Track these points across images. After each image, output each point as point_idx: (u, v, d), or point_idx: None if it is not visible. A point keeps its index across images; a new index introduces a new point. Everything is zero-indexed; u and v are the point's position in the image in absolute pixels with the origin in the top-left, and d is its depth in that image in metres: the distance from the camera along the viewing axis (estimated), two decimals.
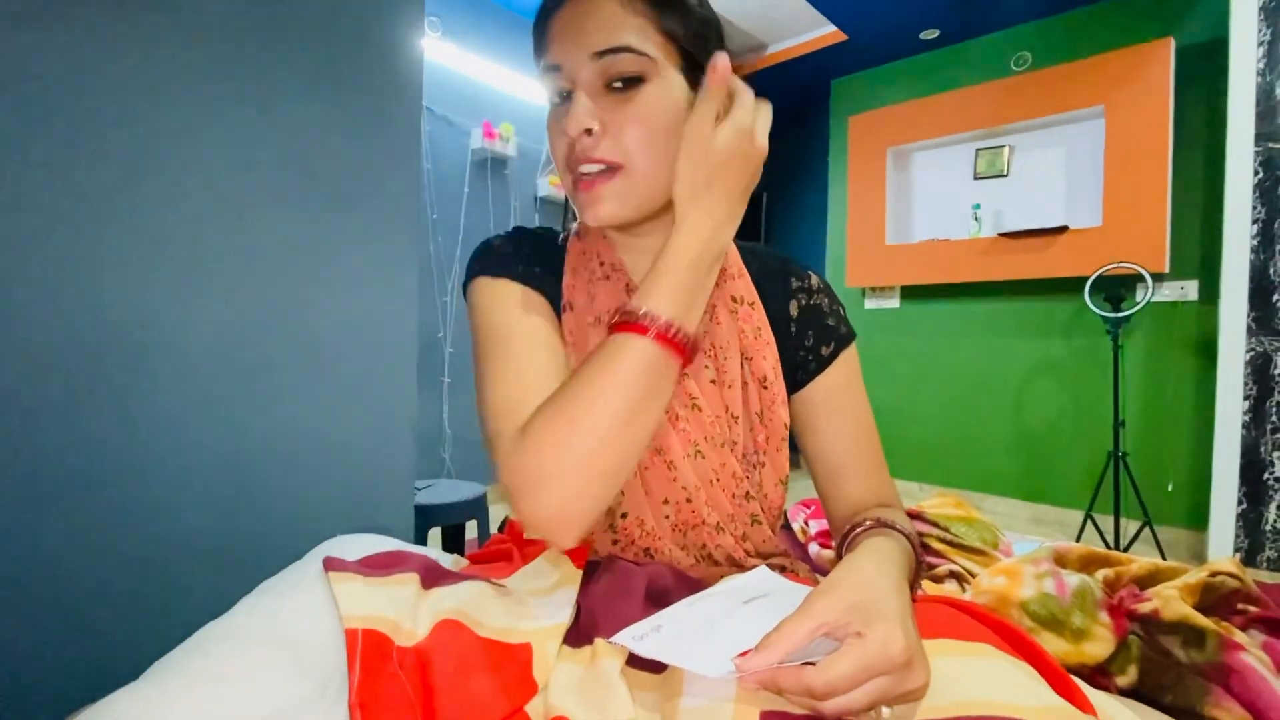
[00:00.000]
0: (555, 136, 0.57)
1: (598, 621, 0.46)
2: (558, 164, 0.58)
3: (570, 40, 0.54)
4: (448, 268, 3.01)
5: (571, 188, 0.57)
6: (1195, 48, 2.73)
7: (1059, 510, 3.10)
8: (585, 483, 0.44)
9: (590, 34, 0.54)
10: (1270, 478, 2.18)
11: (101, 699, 0.34)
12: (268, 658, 0.37)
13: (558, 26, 0.55)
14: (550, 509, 0.44)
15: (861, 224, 3.66)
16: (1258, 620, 0.61)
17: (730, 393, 0.62)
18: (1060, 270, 2.95)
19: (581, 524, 0.45)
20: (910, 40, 3.46)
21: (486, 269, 0.63)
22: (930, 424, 3.53)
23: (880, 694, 0.36)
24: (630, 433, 0.45)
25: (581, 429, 0.44)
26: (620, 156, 0.54)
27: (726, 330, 0.64)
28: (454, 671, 0.39)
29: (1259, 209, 2.19)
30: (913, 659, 0.36)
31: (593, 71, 0.54)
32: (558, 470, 0.43)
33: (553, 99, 0.58)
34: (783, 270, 0.70)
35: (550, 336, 0.59)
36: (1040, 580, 0.63)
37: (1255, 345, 2.20)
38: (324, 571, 0.44)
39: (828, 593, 0.39)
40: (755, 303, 0.66)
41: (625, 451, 0.45)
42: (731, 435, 0.62)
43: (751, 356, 0.64)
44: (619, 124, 0.54)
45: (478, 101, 3.11)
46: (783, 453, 0.64)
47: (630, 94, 0.54)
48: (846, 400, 0.67)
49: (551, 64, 0.56)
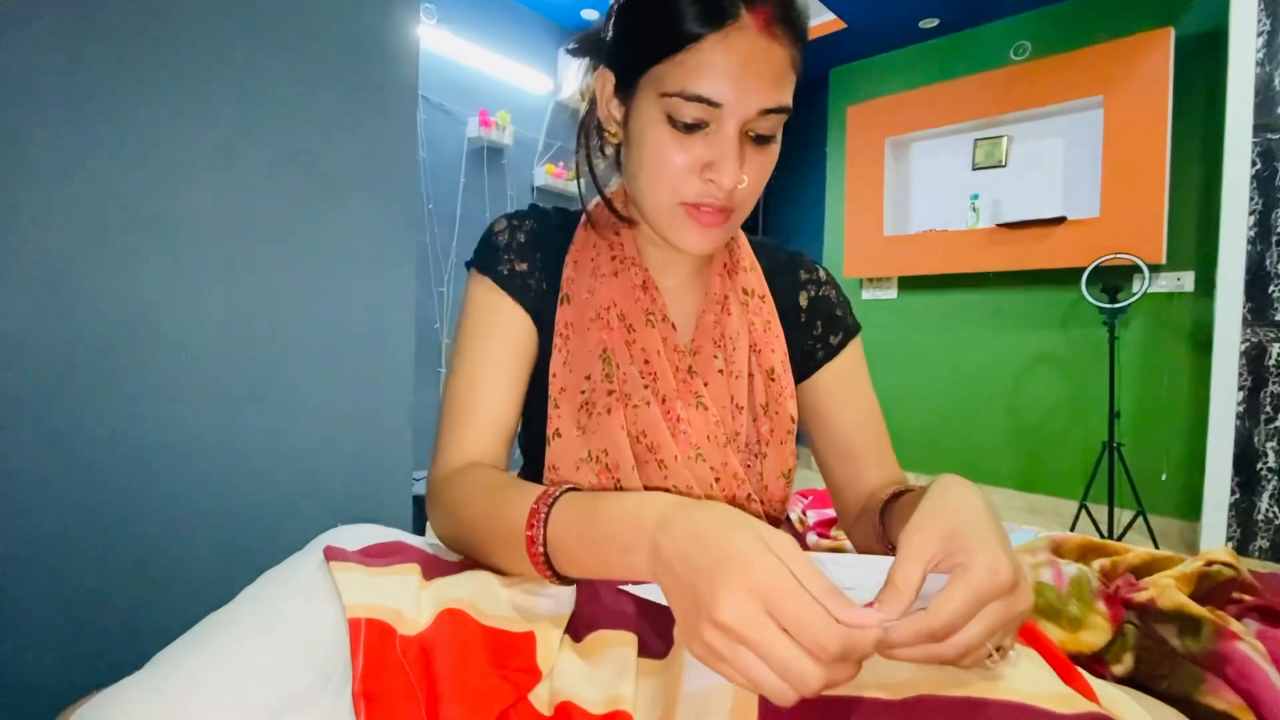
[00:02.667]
0: (674, 159, 0.54)
1: (599, 613, 0.46)
2: (663, 183, 0.55)
3: (742, 85, 0.50)
4: (444, 258, 3.00)
5: (675, 212, 0.56)
6: (1194, 38, 2.72)
7: (1054, 500, 3.12)
8: (454, 546, 0.57)
9: (763, 83, 0.51)
10: (1263, 468, 2.20)
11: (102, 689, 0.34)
12: (270, 648, 0.37)
13: (725, 58, 0.50)
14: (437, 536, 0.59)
15: (859, 214, 3.65)
16: (1252, 609, 0.61)
17: (737, 383, 0.62)
18: (1057, 261, 2.96)
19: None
20: (909, 29, 3.44)
21: (479, 260, 0.65)
22: (926, 414, 3.54)
23: (996, 621, 0.35)
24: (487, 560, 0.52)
25: (458, 539, 0.55)
26: (739, 202, 0.56)
27: (737, 321, 0.64)
28: (457, 660, 0.39)
29: (1256, 200, 2.19)
30: (1019, 580, 0.36)
31: (749, 122, 0.52)
32: (441, 536, 0.58)
33: (678, 119, 0.52)
34: (792, 263, 0.73)
35: (506, 354, 0.62)
36: (1037, 570, 0.64)
37: (1250, 336, 2.21)
38: (325, 561, 0.44)
39: (923, 529, 0.37)
40: (766, 296, 0.67)
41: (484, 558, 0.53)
42: (735, 426, 0.62)
43: (760, 349, 0.64)
44: (751, 174, 0.54)
45: (474, 90, 3.09)
46: (787, 445, 0.64)
47: (764, 148, 0.55)
48: (856, 387, 0.70)
49: (711, 100, 0.51)
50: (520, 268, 0.64)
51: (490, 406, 0.61)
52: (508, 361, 0.62)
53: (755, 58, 0.51)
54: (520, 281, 0.64)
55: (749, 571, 0.33)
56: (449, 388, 0.62)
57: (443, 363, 2.99)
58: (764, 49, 0.51)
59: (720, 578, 0.33)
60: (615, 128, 0.60)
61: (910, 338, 3.60)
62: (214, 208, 0.97)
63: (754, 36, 0.50)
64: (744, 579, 0.32)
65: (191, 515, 0.95)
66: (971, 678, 0.36)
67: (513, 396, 0.62)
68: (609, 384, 0.60)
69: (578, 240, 0.66)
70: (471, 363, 0.62)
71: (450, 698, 0.37)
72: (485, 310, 0.63)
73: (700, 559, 0.35)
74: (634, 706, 0.38)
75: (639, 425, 0.59)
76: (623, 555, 0.40)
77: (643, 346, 0.61)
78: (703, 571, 0.34)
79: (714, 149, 0.53)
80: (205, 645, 0.37)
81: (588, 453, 0.59)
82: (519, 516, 0.46)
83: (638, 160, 0.57)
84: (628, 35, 0.56)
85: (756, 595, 0.32)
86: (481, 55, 3.09)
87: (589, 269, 0.64)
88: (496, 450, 0.60)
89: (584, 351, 0.61)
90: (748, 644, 0.32)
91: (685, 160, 0.53)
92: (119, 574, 0.89)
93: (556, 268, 0.65)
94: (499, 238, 0.65)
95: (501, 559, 0.49)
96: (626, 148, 0.60)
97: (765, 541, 0.34)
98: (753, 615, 0.32)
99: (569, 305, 0.63)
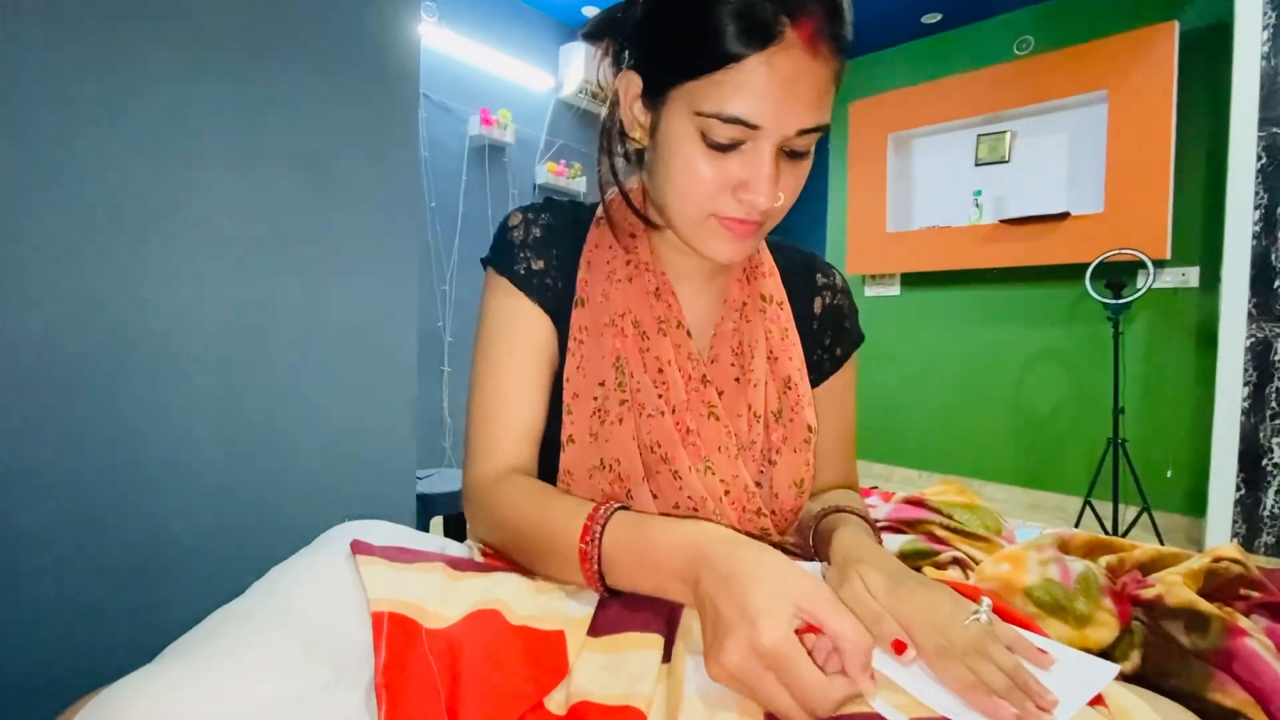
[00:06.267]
0: (707, 177, 0.52)
1: (628, 615, 0.46)
2: (693, 199, 0.54)
3: (783, 108, 0.48)
4: (446, 256, 3.00)
5: (706, 223, 0.55)
6: (1199, 31, 2.70)
7: (1058, 496, 3.12)
8: (499, 550, 0.58)
9: (804, 105, 0.49)
10: (1269, 464, 2.19)
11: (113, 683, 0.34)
12: (283, 641, 0.37)
13: (766, 80, 0.48)
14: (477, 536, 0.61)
15: (862, 211, 3.64)
16: (1261, 605, 0.61)
17: (754, 391, 0.62)
18: (1061, 257, 2.95)
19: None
20: (912, 24, 3.43)
21: (495, 258, 0.64)
22: (930, 411, 3.54)
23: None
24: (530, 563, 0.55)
25: (504, 544, 0.57)
26: (770, 215, 0.55)
27: (755, 328, 0.63)
28: (485, 659, 0.39)
29: (1261, 194, 2.18)
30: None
31: (787, 141, 0.51)
32: (483, 539, 0.60)
33: (712, 138, 0.50)
34: (808, 266, 0.72)
35: (529, 356, 0.62)
36: (1044, 566, 0.63)
37: (1256, 331, 2.20)
38: (350, 554, 0.44)
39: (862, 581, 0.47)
40: (784, 302, 0.66)
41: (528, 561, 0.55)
42: (751, 435, 0.61)
43: (777, 357, 0.63)
44: (785, 190, 0.53)
45: (475, 88, 3.08)
46: (801, 454, 0.62)
47: (799, 162, 0.54)
48: (844, 400, 0.72)
49: (749, 123, 0.49)
50: (537, 265, 0.63)
51: (519, 410, 0.61)
52: (531, 363, 0.62)
53: (797, 79, 0.48)
54: (538, 281, 0.63)
55: (757, 634, 0.37)
56: (476, 391, 0.63)
57: (446, 361, 2.99)
58: (807, 69, 0.48)
59: (733, 632, 0.38)
60: (640, 133, 0.58)
61: (913, 334, 3.59)
62: (215, 207, 0.97)
63: (798, 56, 0.48)
64: (750, 639, 0.37)
65: (196, 514, 0.95)
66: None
67: (539, 398, 0.62)
68: (621, 392, 0.59)
69: (591, 239, 0.65)
70: (495, 366, 0.62)
71: (473, 695, 0.37)
72: (504, 312, 0.63)
73: (725, 606, 0.40)
74: (649, 705, 0.38)
75: (653, 435, 0.58)
76: (674, 581, 0.45)
77: (656, 355, 0.60)
78: (723, 619, 0.39)
79: (749, 169, 0.51)
80: (217, 638, 0.37)
81: (600, 460, 0.59)
82: (571, 531, 0.49)
83: (665, 172, 0.55)
84: (661, 45, 0.53)
85: (759, 655, 0.37)
86: (483, 53, 3.08)
87: (604, 272, 0.63)
88: (528, 452, 0.62)
89: (597, 357, 0.61)
90: (747, 693, 0.38)
91: (718, 179, 0.52)
92: (124, 572, 0.89)
93: (572, 265, 0.64)
94: (514, 233, 0.64)
95: (552, 568, 0.52)
96: (653, 154, 0.57)
97: (788, 597, 0.39)
98: (754, 671, 0.37)
99: (583, 309, 0.62)
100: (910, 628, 0.43)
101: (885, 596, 0.45)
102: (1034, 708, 0.37)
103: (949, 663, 0.40)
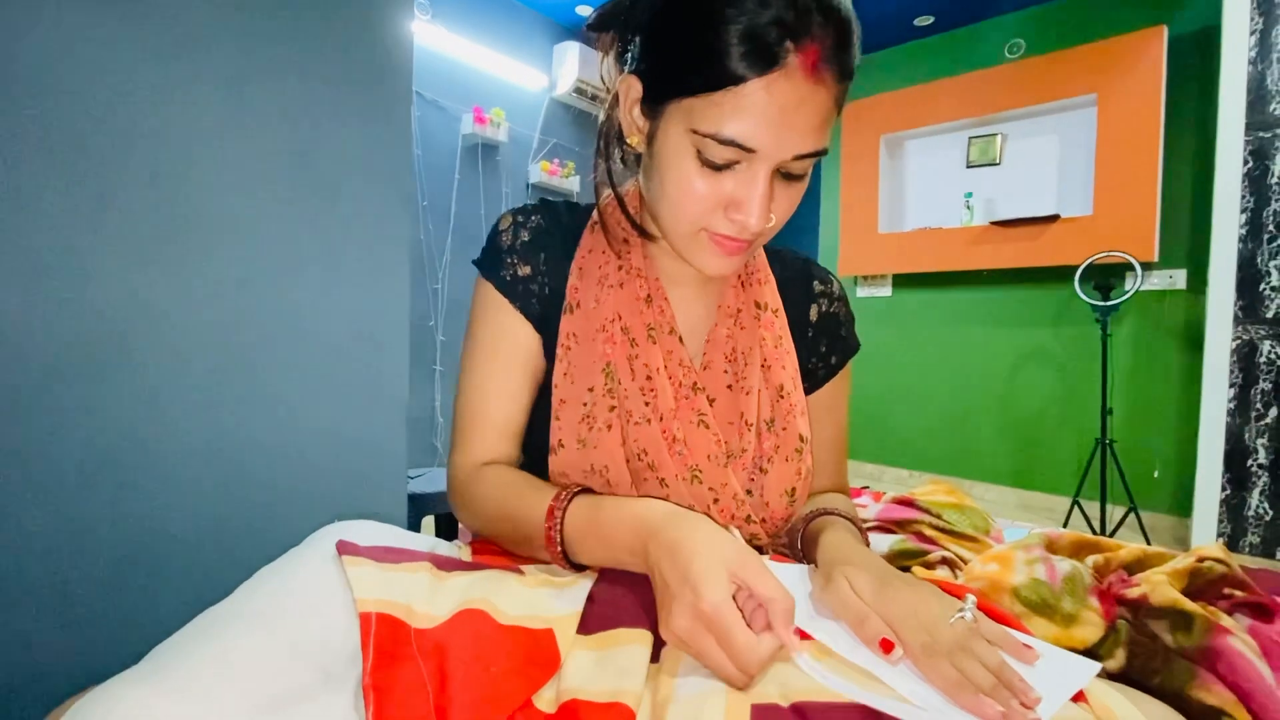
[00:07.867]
0: (700, 194, 0.52)
1: (618, 611, 0.46)
2: (685, 214, 0.53)
3: (781, 134, 0.48)
4: (439, 255, 2.99)
5: (696, 237, 0.55)
6: (1188, 36, 2.73)
7: (1046, 496, 3.14)
8: (482, 535, 0.64)
9: (802, 132, 0.49)
10: (1254, 464, 2.21)
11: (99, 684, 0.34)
12: (270, 642, 0.36)
13: (765, 106, 0.47)
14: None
15: (854, 212, 3.66)
16: (1244, 604, 0.62)
17: (747, 399, 0.61)
18: (1051, 259, 2.97)
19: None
20: (904, 26, 3.45)
21: (484, 262, 0.65)
22: (920, 411, 3.56)
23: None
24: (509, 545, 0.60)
25: (483, 529, 0.63)
26: (761, 235, 0.55)
27: (749, 335, 0.63)
28: (472, 658, 0.39)
29: (1248, 198, 2.20)
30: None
31: (783, 164, 0.50)
32: (468, 526, 0.65)
33: (708, 157, 0.50)
34: (805, 272, 0.72)
35: (512, 361, 0.64)
36: (1031, 566, 0.64)
37: (1241, 333, 2.22)
38: (337, 555, 0.44)
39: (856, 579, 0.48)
40: (779, 310, 0.66)
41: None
42: (743, 443, 0.61)
43: (771, 364, 0.63)
44: (778, 211, 0.53)
45: (468, 86, 3.07)
46: (792, 463, 0.62)
47: (793, 183, 0.54)
48: (837, 407, 0.72)
49: (746, 146, 0.48)
50: (523, 271, 0.63)
51: (499, 408, 0.64)
52: (513, 367, 0.64)
53: (797, 106, 0.47)
54: (522, 287, 0.63)
55: (699, 599, 0.40)
56: (461, 391, 0.66)
57: (438, 360, 2.98)
58: (808, 95, 0.47)
59: (677, 598, 0.42)
60: (638, 138, 0.57)
61: (904, 335, 3.61)
62: (206, 205, 0.97)
63: (799, 82, 0.47)
64: (693, 604, 0.41)
65: (185, 513, 0.95)
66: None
67: (520, 400, 0.65)
68: (610, 399, 0.59)
69: (585, 244, 0.65)
70: (478, 368, 0.65)
71: (462, 694, 0.37)
72: (488, 319, 0.65)
73: (669, 574, 0.43)
74: (638, 702, 0.38)
75: (640, 443, 0.58)
76: (625, 554, 0.49)
77: (645, 362, 0.60)
78: (669, 586, 0.43)
79: (743, 189, 0.51)
80: (204, 639, 0.36)
81: (590, 466, 0.59)
82: (538, 513, 0.54)
83: (659, 184, 0.55)
84: (663, 57, 0.52)
85: (700, 619, 0.40)
86: (476, 51, 3.07)
87: (595, 277, 0.63)
88: (507, 447, 0.65)
89: (586, 364, 0.60)
90: (691, 652, 0.41)
91: (711, 196, 0.52)
92: (112, 572, 0.88)
93: (563, 268, 0.64)
94: (503, 238, 0.64)
95: (524, 548, 0.57)
96: (648, 162, 0.57)
97: (724, 562, 0.42)
98: (698, 633, 0.40)
99: (573, 315, 0.62)
100: (896, 627, 0.43)
101: (871, 597, 0.45)
102: (1018, 705, 0.38)
103: (935, 661, 0.41)
